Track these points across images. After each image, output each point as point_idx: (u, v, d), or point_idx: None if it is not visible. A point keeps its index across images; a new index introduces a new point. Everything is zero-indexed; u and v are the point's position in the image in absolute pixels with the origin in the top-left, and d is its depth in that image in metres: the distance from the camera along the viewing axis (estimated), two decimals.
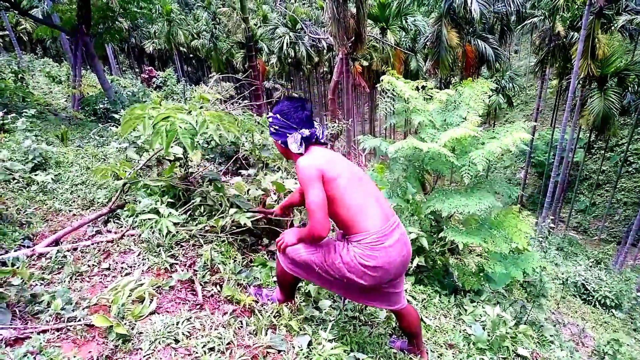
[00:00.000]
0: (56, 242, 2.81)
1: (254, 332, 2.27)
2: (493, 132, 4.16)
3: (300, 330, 2.39)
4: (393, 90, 4.15)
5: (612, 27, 21.50)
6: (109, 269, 2.58)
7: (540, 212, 23.71)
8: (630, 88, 22.63)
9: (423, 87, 4.40)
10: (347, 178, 2.13)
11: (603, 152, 29.23)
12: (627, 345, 6.53)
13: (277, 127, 2.24)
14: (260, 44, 35.82)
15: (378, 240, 2.10)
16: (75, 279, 2.44)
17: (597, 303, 9.33)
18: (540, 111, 33.01)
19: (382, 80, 4.16)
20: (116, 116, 5.40)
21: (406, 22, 24.37)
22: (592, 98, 20.76)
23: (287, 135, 2.22)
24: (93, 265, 2.59)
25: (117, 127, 5.08)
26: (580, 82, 20.69)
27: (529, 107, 40.14)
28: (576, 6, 21.34)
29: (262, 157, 5.36)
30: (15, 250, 2.63)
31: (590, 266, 11.84)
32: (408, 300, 2.87)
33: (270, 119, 2.26)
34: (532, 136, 29.29)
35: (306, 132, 2.22)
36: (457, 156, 3.98)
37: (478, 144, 4.04)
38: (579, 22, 19.37)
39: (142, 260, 2.67)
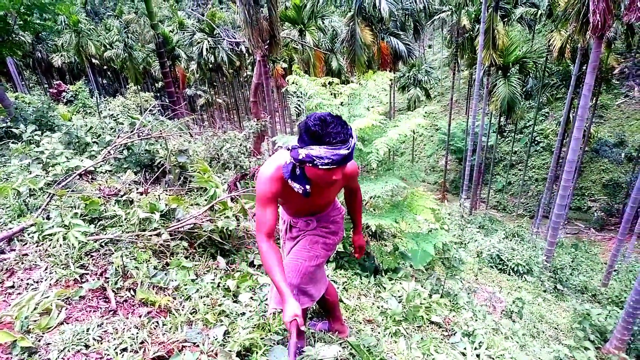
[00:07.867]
0: None
1: (170, 329, 2.31)
2: (395, 120, 4.46)
3: (218, 322, 2.46)
4: (299, 89, 4.32)
5: (511, 19, 23.45)
6: (13, 287, 2.50)
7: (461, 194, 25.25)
8: (531, 74, 24.84)
9: (330, 83, 4.62)
10: None
11: (513, 134, 31.74)
12: (537, 304, 7.23)
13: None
14: (177, 50, 34.86)
15: None
16: None
17: (511, 271, 10.23)
18: (455, 101, 35.17)
19: (287, 80, 4.31)
20: (16, 131, 5.10)
21: (323, 23, 24.82)
22: (497, 85, 22.51)
23: None
24: None
25: (16, 144, 4.80)
26: (486, 71, 22.29)
27: (445, 98, 42.40)
28: (479, 1, 22.96)
29: (179, 162, 5.33)
30: None
31: (504, 238, 12.88)
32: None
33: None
34: (449, 125, 31.14)
35: None
36: (366, 144, 4.23)
37: (383, 132, 4.32)
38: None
39: (50, 274, 2.60)
